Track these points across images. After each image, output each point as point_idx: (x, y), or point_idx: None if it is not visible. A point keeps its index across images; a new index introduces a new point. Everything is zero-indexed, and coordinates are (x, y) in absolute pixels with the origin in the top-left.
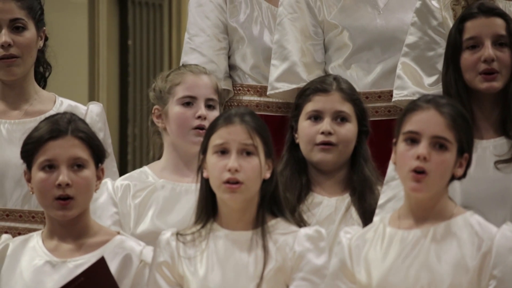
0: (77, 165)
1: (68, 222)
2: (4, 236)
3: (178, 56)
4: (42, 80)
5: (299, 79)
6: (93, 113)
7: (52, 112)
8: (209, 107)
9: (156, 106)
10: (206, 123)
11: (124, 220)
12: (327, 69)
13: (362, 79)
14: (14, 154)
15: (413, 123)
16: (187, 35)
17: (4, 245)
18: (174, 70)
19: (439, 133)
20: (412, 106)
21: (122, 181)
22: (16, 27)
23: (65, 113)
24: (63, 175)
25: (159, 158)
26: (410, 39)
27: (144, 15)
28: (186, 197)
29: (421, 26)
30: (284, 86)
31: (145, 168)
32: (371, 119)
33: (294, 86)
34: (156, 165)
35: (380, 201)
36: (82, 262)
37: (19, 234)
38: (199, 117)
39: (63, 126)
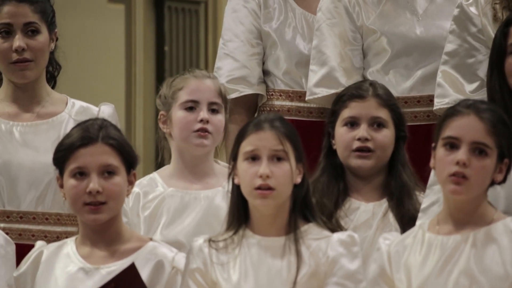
0: (108, 172)
1: (100, 228)
2: (39, 243)
3: (213, 61)
4: (51, 80)
5: (337, 84)
6: (104, 114)
7: (64, 114)
8: (212, 111)
9: (161, 112)
10: (209, 127)
11: (133, 230)
12: (365, 74)
13: (400, 84)
14: (27, 156)
15: (452, 129)
16: (222, 41)
17: (38, 252)
18: (178, 75)
19: (479, 139)
20: (452, 111)
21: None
22: (29, 31)
23: (96, 119)
24: (94, 183)
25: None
26: (449, 47)
27: (180, 21)
28: (195, 205)
29: (460, 34)
30: (323, 92)
31: (154, 175)
32: (410, 124)
33: (332, 91)
34: (165, 171)
35: (423, 205)
36: (114, 268)
37: (33, 236)
38: (201, 120)
39: (93, 133)
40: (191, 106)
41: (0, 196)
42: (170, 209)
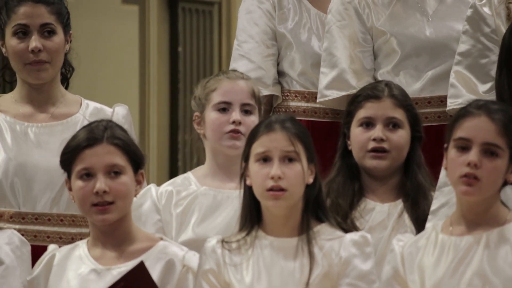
0: (114, 171)
1: (110, 229)
2: (51, 246)
3: (227, 63)
4: (64, 82)
5: (348, 86)
6: (119, 115)
7: (78, 115)
8: (245, 112)
9: (196, 113)
10: (241, 128)
11: (166, 228)
12: (376, 76)
13: (411, 85)
14: (42, 157)
15: (463, 130)
16: (236, 42)
17: (51, 255)
18: (212, 76)
19: (490, 140)
20: (463, 112)
21: (165, 187)
22: (46, 32)
23: (101, 120)
24: (100, 183)
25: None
26: (463, 47)
27: (194, 22)
28: (227, 204)
29: (473, 34)
30: (334, 94)
31: (189, 174)
32: (422, 124)
33: (343, 93)
34: (199, 171)
35: (433, 207)
36: (125, 269)
37: (48, 237)
38: (233, 122)
39: (98, 133)
40: (224, 107)
41: (15, 197)
42: (202, 207)
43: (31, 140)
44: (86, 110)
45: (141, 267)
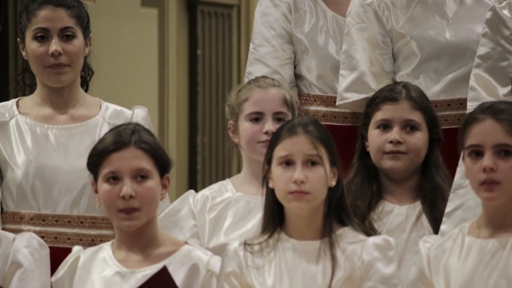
0: (140, 176)
1: (135, 233)
2: (76, 248)
3: (246, 65)
4: (84, 85)
5: (368, 89)
6: (138, 117)
7: (98, 117)
8: (278, 120)
9: (230, 121)
10: None
11: (201, 233)
12: (395, 78)
13: (430, 88)
14: (61, 159)
15: (473, 137)
16: (252, 45)
17: (75, 257)
18: (245, 85)
19: (500, 141)
20: (470, 119)
21: (202, 192)
22: (66, 35)
23: (129, 123)
24: (127, 187)
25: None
26: (482, 50)
27: (213, 25)
28: (259, 210)
29: (493, 37)
30: (353, 96)
31: (227, 181)
32: (442, 127)
33: (363, 95)
34: (237, 178)
35: (447, 209)
36: (150, 272)
37: (68, 239)
38: (266, 132)
39: (126, 137)
40: (257, 117)
41: (35, 199)
42: (236, 212)
43: (51, 142)
44: (106, 112)
45: (164, 271)
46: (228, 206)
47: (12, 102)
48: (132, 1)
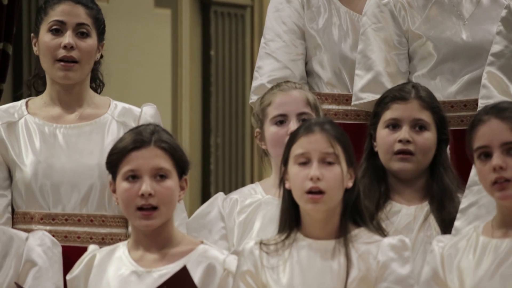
0: (160, 175)
1: (152, 232)
2: (91, 246)
3: None
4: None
5: (383, 89)
6: (147, 115)
7: (107, 115)
8: (303, 121)
9: (256, 129)
10: None
11: (229, 235)
12: (411, 79)
13: (446, 88)
14: (70, 159)
15: (479, 139)
16: (263, 40)
17: (91, 255)
18: (267, 91)
19: (507, 139)
20: (475, 122)
21: (231, 195)
22: (80, 32)
23: (149, 124)
24: (146, 185)
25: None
26: (496, 48)
27: (227, 25)
28: None
29: (507, 35)
30: (369, 96)
31: (256, 184)
32: (457, 128)
33: (379, 96)
34: (266, 181)
35: (462, 206)
36: (166, 272)
37: (78, 238)
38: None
39: (146, 136)
40: (281, 120)
41: (45, 199)
42: (265, 215)
43: (60, 142)
44: (115, 111)
45: (184, 271)
46: (258, 209)
47: (21, 102)
48: (146, 2)
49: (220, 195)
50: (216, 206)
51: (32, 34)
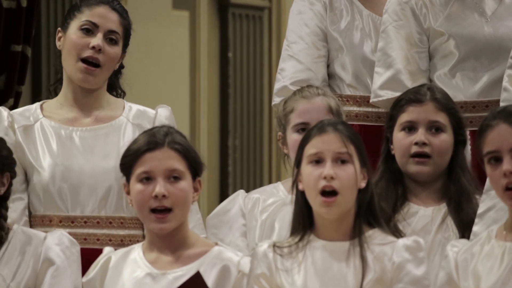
0: (173, 177)
1: (167, 234)
2: (107, 249)
3: (277, 68)
4: None
5: (403, 87)
6: (161, 116)
7: (122, 118)
8: None
9: (279, 133)
10: None
11: (249, 233)
12: (432, 77)
13: (468, 88)
14: (87, 162)
15: (489, 144)
16: (286, 42)
17: (106, 258)
18: (290, 96)
19: None
20: (483, 127)
21: (253, 194)
22: (110, 38)
23: (162, 126)
24: (160, 187)
25: None
26: None
27: (244, 27)
28: None
29: None
30: (388, 94)
31: (278, 184)
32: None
33: (398, 94)
34: (288, 181)
35: (480, 210)
36: (181, 274)
37: (98, 240)
38: None
39: (160, 138)
40: (303, 128)
41: (63, 202)
42: (287, 215)
43: (76, 144)
44: (130, 113)
45: (197, 276)
46: (280, 208)
47: (36, 105)
48: (164, 4)
49: (241, 192)
50: (237, 203)
51: (59, 28)
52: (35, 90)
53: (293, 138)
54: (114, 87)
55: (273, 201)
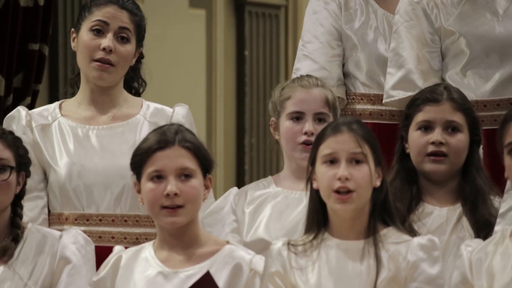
0: (184, 175)
1: (178, 232)
2: (117, 247)
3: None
4: (136, 96)
5: (414, 87)
6: (179, 115)
7: (139, 116)
8: (319, 120)
9: (272, 118)
10: (313, 138)
11: (240, 228)
12: (444, 77)
13: (480, 87)
14: (103, 160)
15: (510, 135)
16: (301, 42)
17: (117, 257)
18: (288, 82)
19: None
20: (506, 118)
21: (243, 188)
22: (121, 36)
23: (172, 124)
24: (171, 185)
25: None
26: None
27: (261, 25)
28: (297, 205)
29: None
30: (400, 94)
31: (269, 177)
32: (490, 127)
33: (409, 93)
34: (279, 175)
35: (501, 210)
36: (193, 272)
37: (113, 238)
38: (305, 133)
39: (170, 136)
40: (297, 117)
41: (79, 200)
42: (274, 207)
43: (93, 143)
44: (147, 111)
45: (207, 276)
46: (266, 200)
47: (55, 105)
48: (180, 2)
49: (234, 189)
50: (229, 200)
51: (72, 29)
52: (52, 88)
53: (286, 125)
54: (135, 78)
55: (260, 193)
